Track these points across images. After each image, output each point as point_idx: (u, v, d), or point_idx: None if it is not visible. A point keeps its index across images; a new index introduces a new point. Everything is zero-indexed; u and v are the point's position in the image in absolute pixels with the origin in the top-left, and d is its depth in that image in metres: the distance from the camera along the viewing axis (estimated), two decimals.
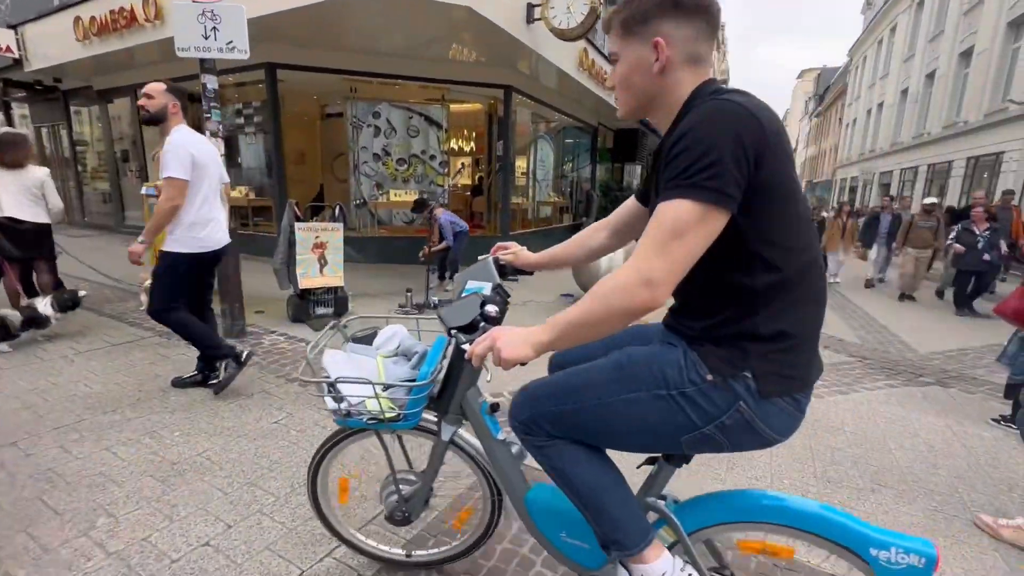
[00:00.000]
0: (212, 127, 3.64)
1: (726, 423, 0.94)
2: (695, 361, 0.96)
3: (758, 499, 1.08)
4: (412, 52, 7.37)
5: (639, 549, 1.07)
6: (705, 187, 0.81)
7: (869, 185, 25.08)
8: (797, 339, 0.93)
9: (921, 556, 0.91)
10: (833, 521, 0.99)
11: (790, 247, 0.91)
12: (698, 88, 0.96)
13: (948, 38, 17.30)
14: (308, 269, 4.36)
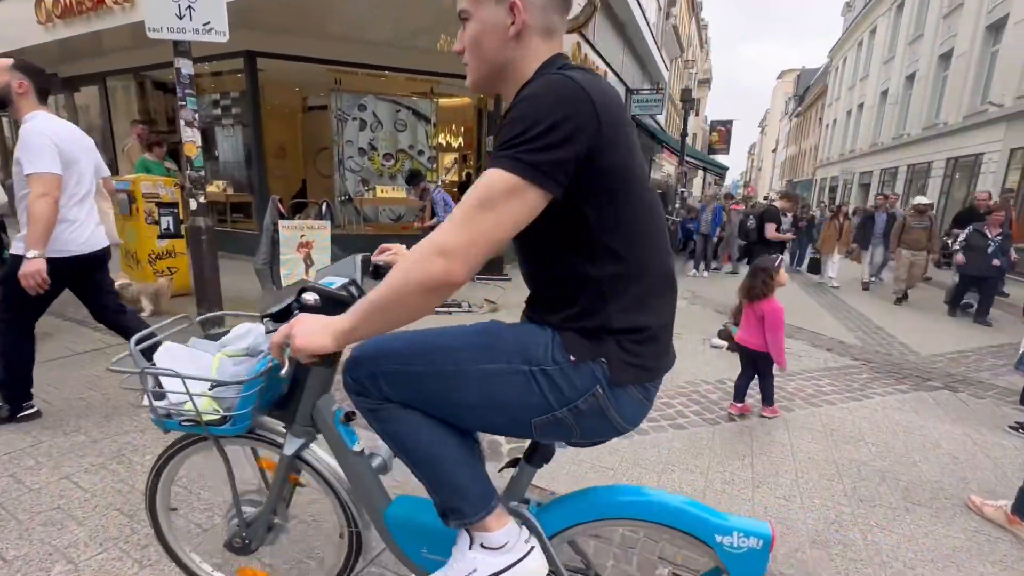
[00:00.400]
0: (187, 116, 3.35)
1: (580, 407, 0.92)
2: (560, 343, 0.92)
3: (612, 495, 1.07)
4: (400, 42, 7.08)
5: (479, 518, 1.01)
6: (521, 160, 0.76)
7: (849, 185, 25.50)
8: (650, 330, 0.92)
9: (759, 538, 0.94)
10: (681, 511, 1.01)
11: (636, 238, 0.89)
12: (547, 61, 0.91)
13: (928, 41, 17.61)
14: (293, 270, 4.09)
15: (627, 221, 0.88)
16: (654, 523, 1.03)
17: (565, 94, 0.78)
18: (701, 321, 5.54)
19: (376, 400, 0.99)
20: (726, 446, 2.69)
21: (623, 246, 0.88)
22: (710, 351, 4.42)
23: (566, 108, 0.77)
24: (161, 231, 4.86)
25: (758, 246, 5.96)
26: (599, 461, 2.44)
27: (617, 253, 0.88)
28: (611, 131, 0.81)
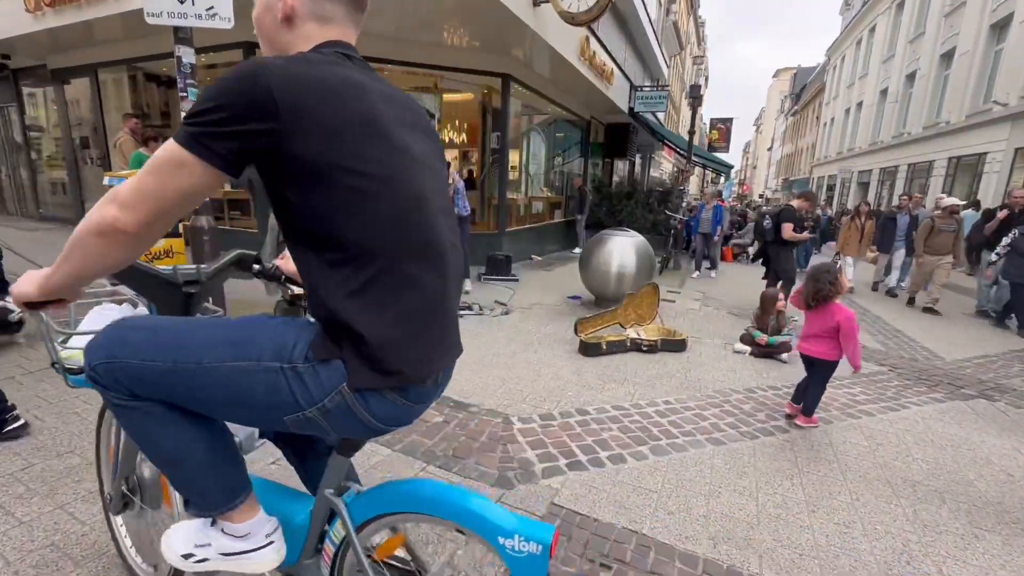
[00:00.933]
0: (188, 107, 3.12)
1: (327, 406, 0.89)
2: (309, 339, 0.89)
3: (412, 489, 1.06)
4: (405, 35, 6.85)
5: (219, 512, 1.03)
6: (188, 133, 0.78)
7: (847, 184, 25.49)
8: (391, 336, 0.87)
9: (538, 543, 0.91)
10: (465, 509, 0.99)
11: (371, 232, 0.85)
12: (318, 46, 0.92)
13: (929, 39, 17.55)
14: None
15: (354, 219, 0.84)
16: (445, 520, 1.02)
17: (238, 77, 0.78)
18: (718, 324, 5.39)
19: (120, 395, 0.94)
20: (770, 463, 2.53)
21: (353, 240, 0.84)
22: (733, 357, 4.26)
23: (233, 91, 0.77)
24: None
25: (774, 247, 5.80)
26: (641, 483, 2.27)
27: (343, 247, 0.84)
28: (299, 118, 0.78)
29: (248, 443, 1.32)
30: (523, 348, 4.07)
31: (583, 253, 5.83)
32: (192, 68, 3.10)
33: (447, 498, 1.02)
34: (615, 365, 3.82)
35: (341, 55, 0.90)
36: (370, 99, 0.86)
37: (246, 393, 0.91)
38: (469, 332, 4.39)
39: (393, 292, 0.87)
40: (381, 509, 1.08)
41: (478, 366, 3.60)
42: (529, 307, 5.51)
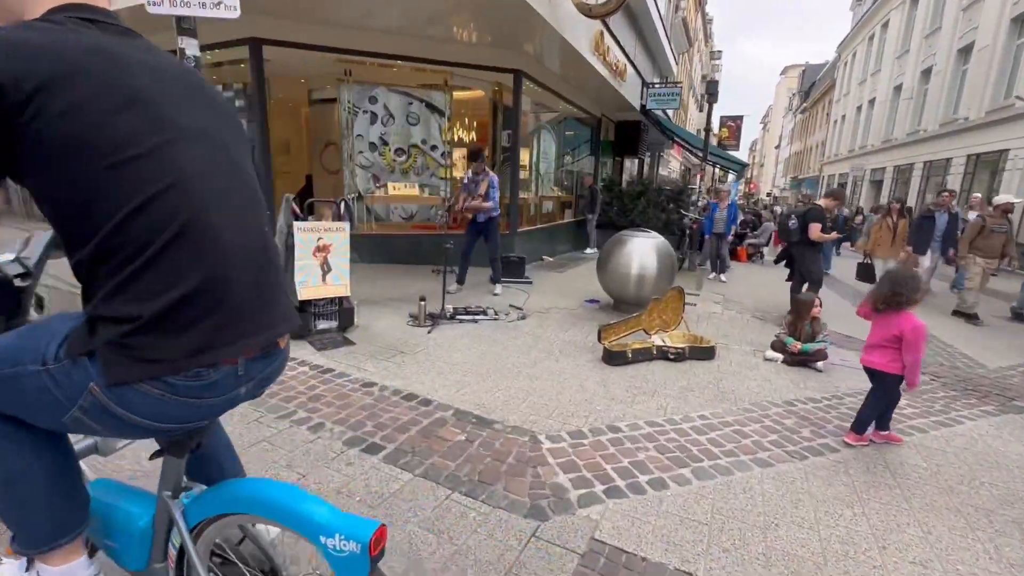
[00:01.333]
0: None
1: (85, 406, 0.87)
2: (66, 336, 0.87)
3: (238, 490, 1.04)
4: (413, 30, 6.66)
5: (40, 551, 1.00)
6: None
7: (860, 182, 25.10)
8: (142, 319, 0.81)
9: (357, 543, 0.88)
10: (286, 508, 0.96)
11: (122, 220, 0.79)
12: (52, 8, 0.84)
13: (946, 34, 17.18)
14: (309, 277, 3.69)
15: (100, 195, 0.79)
16: (271, 520, 0.99)
17: None
18: (743, 329, 5.15)
19: None
20: (825, 488, 2.31)
21: (107, 226, 0.79)
22: (765, 365, 4.03)
23: None
24: None
25: (800, 247, 5.56)
26: (688, 513, 2.06)
27: (97, 234, 0.79)
28: (27, 93, 0.71)
29: (105, 446, 1.30)
30: (544, 356, 3.86)
31: (600, 255, 5.62)
32: (196, 62, 2.91)
33: (272, 497, 0.98)
34: (642, 375, 3.61)
35: (81, 20, 0.82)
36: (122, 68, 0.80)
37: (23, 398, 0.90)
38: (486, 339, 4.19)
39: (152, 279, 0.82)
40: (214, 511, 1.05)
41: (498, 377, 3.39)
42: (546, 311, 5.30)
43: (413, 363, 3.53)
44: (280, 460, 2.24)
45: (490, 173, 5.54)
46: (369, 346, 3.80)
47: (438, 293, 5.43)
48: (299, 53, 6.67)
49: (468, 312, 4.81)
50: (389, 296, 5.42)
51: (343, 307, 3.96)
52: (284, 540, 1.19)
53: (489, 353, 3.85)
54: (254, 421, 2.57)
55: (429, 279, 6.48)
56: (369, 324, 4.37)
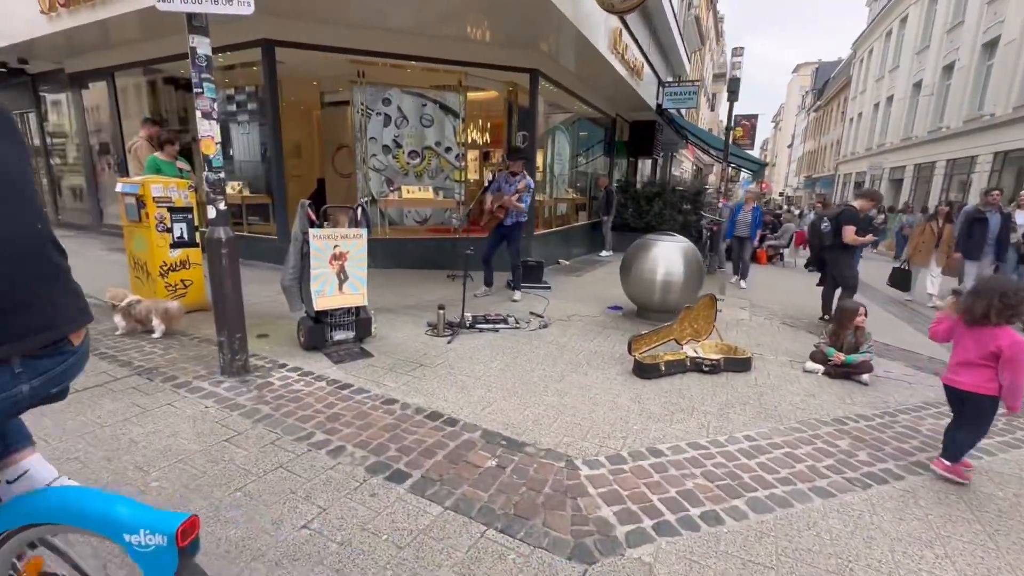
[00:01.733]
0: (204, 106, 2.79)
1: None
2: None
3: (35, 499, 0.99)
4: (428, 30, 6.50)
5: None
6: None
7: (878, 181, 24.55)
8: None
9: (163, 535, 0.85)
10: (86, 510, 0.92)
11: None
12: None
13: (969, 28, 16.70)
14: (325, 286, 3.53)
15: None
16: (71, 527, 0.95)
17: None
18: (775, 337, 4.91)
19: None
20: (896, 524, 2.08)
21: None
22: (805, 378, 3.79)
23: None
24: (174, 239, 4.33)
25: (834, 251, 5.31)
26: (751, 554, 1.85)
27: None
28: None
29: None
30: (571, 369, 3.66)
31: (624, 259, 5.41)
32: (208, 61, 2.76)
33: (65, 502, 0.95)
34: (677, 389, 3.39)
35: None
36: None
37: None
38: (508, 349, 3.99)
39: None
40: (7, 525, 0.99)
41: (525, 391, 3.20)
42: (567, 319, 5.10)
43: (434, 377, 3.34)
44: (299, 490, 2.06)
45: (527, 175, 5.37)
46: (388, 358, 3.63)
47: (456, 300, 5.25)
48: (312, 55, 6.55)
49: (488, 321, 4.62)
50: (405, 304, 5.24)
51: (360, 317, 3.79)
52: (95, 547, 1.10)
53: (513, 365, 3.66)
54: (270, 444, 2.40)
55: (445, 285, 6.32)
56: (387, 334, 4.20)
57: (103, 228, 9.43)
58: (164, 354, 3.48)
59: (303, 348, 3.66)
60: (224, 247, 2.91)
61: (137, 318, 3.78)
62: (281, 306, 4.75)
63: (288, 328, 4.13)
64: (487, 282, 5.70)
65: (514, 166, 5.33)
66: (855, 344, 3.88)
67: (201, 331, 4.00)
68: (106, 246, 8.07)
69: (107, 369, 3.18)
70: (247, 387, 3.00)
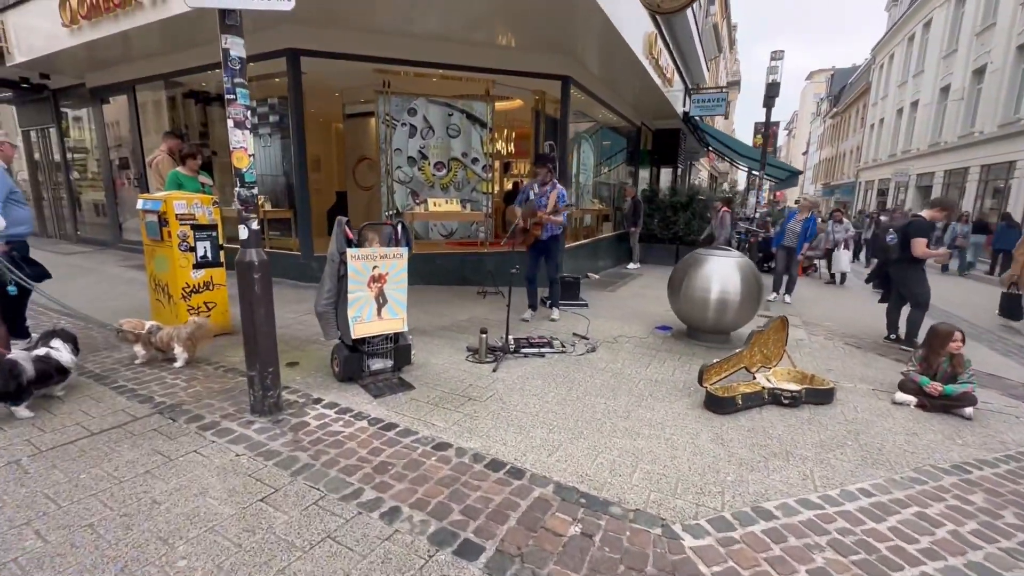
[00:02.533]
0: (237, 114, 2.49)
1: None
2: None
3: None
4: (455, 35, 6.25)
5: None
6: None
7: (903, 188, 23.90)
8: None
9: None
10: None
11: None
12: None
13: (1003, 30, 16.18)
14: (363, 311, 3.20)
15: None
16: None
17: None
18: (845, 361, 4.47)
19: None
20: None
21: None
22: (898, 412, 3.37)
23: None
24: (197, 259, 4.04)
25: (901, 266, 4.88)
26: None
27: None
28: None
29: None
30: (634, 402, 3.28)
31: (673, 275, 5.03)
32: (242, 64, 2.46)
33: None
34: (761, 427, 2.99)
35: None
36: None
37: None
38: (559, 378, 3.62)
39: None
40: None
41: (592, 432, 2.82)
42: (614, 340, 4.71)
43: (486, 414, 2.98)
44: (353, 571, 1.70)
45: (557, 183, 5.02)
46: (431, 390, 3.28)
47: (491, 320, 4.92)
48: (335, 65, 6.32)
49: (532, 344, 4.26)
50: (439, 324, 4.90)
51: (399, 344, 3.45)
52: None
53: (569, 398, 3.28)
54: (313, 504, 2.05)
55: (477, 302, 5.98)
56: (425, 360, 3.85)
57: (121, 244, 9.27)
58: (187, 387, 3.17)
59: (338, 379, 3.33)
60: (257, 271, 2.60)
61: (158, 346, 3.48)
62: (309, 328, 4.46)
63: (319, 355, 3.81)
64: (532, 305, 5.31)
65: (543, 175, 4.96)
66: (951, 372, 3.45)
67: (226, 358, 3.69)
68: (125, 262, 7.87)
69: (126, 406, 2.86)
70: (281, 428, 2.66)
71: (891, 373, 4.17)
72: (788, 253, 7.24)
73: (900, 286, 5.02)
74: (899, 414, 3.32)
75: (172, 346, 3.46)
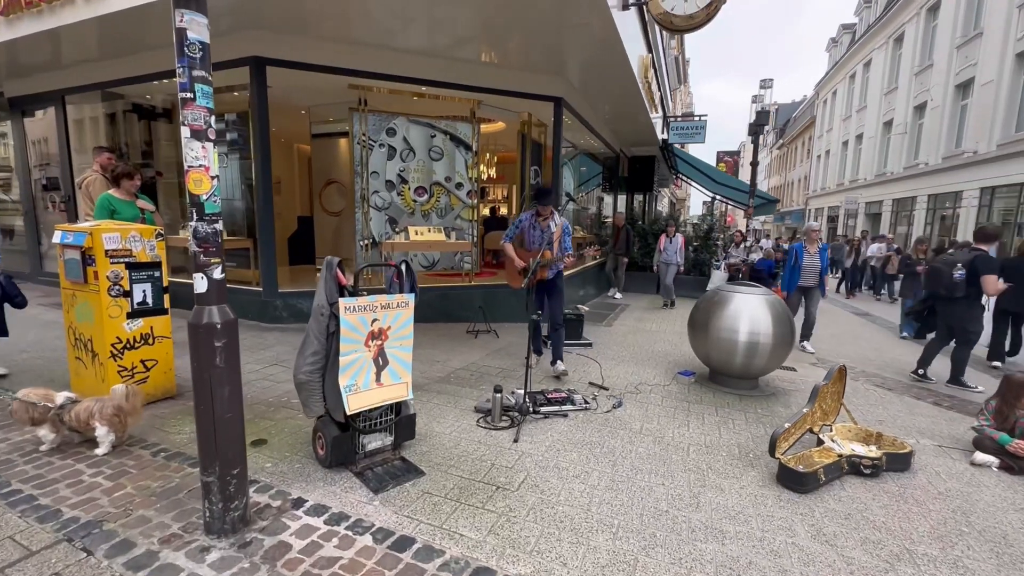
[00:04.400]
0: (195, 119, 1.79)
1: None
2: None
3: None
4: (442, 51, 5.72)
5: None
6: None
7: (852, 216, 25.13)
8: None
9: None
10: None
11: None
12: None
13: (940, 71, 17.35)
14: (359, 377, 2.47)
15: None
16: None
17: None
18: (891, 410, 4.06)
19: None
20: None
21: None
22: (986, 477, 2.93)
23: None
24: (133, 306, 3.19)
25: (964, 303, 4.48)
26: None
27: None
28: None
29: None
30: (696, 480, 2.68)
31: (695, 314, 4.55)
32: (203, 51, 1.78)
33: None
34: (856, 511, 2.46)
35: None
36: None
37: None
38: (594, 447, 2.99)
39: None
40: None
41: (664, 532, 2.19)
42: (636, 390, 4.14)
43: (525, 511, 2.30)
44: None
45: (557, 214, 4.47)
46: (446, 477, 2.56)
47: (497, 371, 4.27)
48: (304, 79, 5.63)
49: (550, 400, 3.62)
50: (433, 375, 4.19)
51: (401, 416, 2.73)
52: None
53: (619, 479, 2.65)
54: None
55: (469, 344, 5.30)
56: (428, 428, 3.13)
57: (41, 276, 8.00)
58: (113, 488, 2.32)
59: (323, 465, 2.56)
60: (220, 336, 1.86)
61: (73, 426, 2.61)
62: (278, 385, 3.65)
63: (294, 425, 3.02)
64: (537, 349, 4.68)
65: (543, 210, 4.41)
66: None
67: (169, 436, 2.85)
68: (45, 299, 6.69)
69: (16, 529, 2.00)
70: (250, 558, 1.88)
71: (942, 422, 3.80)
72: (808, 294, 6.01)
73: (952, 322, 4.68)
74: (988, 480, 2.88)
75: (93, 425, 2.60)
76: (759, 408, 3.87)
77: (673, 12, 4.54)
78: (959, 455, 3.19)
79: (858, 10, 27.23)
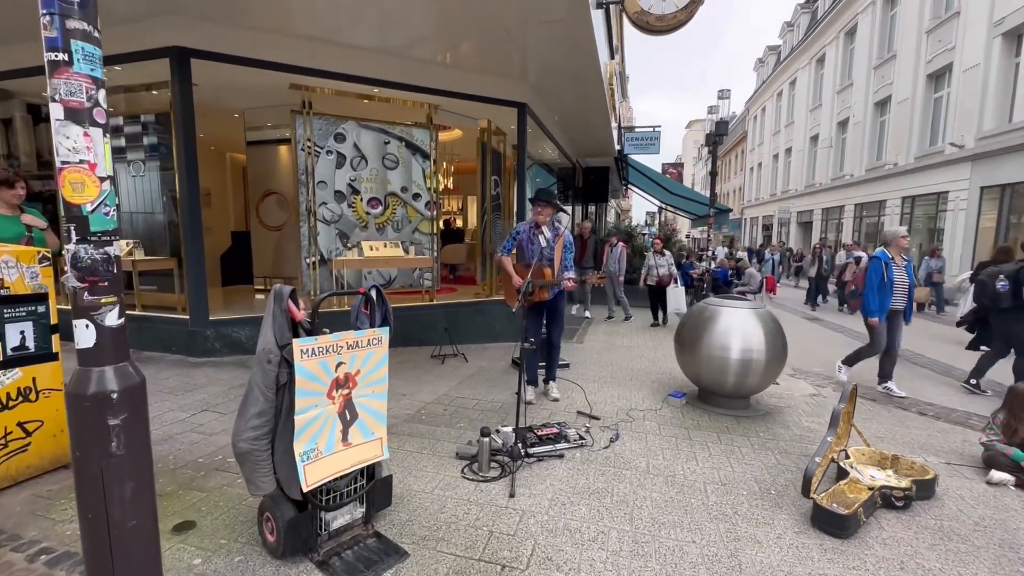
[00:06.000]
0: (71, 92, 1.21)
1: None
2: None
3: None
4: (398, 49, 5.23)
5: None
6: None
7: (785, 224, 26.63)
8: None
9: None
10: None
11: None
12: None
13: (859, 89, 18.73)
14: (319, 441, 1.91)
15: None
16: None
17: None
18: (895, 428, 3.91)
19: None
20: None
21: None
22: (1009, 499, 2.77)
23: None
24: (7, 352, 2.44)
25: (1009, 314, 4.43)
26: None
27: None
28: None
29: None
30: (727, 532, 2.31)
31: (681, 332, 4.27)
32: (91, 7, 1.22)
33: None
34: (909, 558, 2.17)
35: None
36: None
37: None
38: (602, 494, 2.56)
39: None
40: None
41: None
42: (628, 417, 3.78)
43: None
44: None
45: (560, 227, 4.06)
46: (436, 557, 2.04)
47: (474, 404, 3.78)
48: (237, 76, 4.96)
49: (542, 439, 3.16)
50: (403, 413, 3.63)
51: (375, 479, 2.17)
52: None
53: (642, 540, 2.23)
54: None
55: (436, 372, 4.77)
56: (404, 487, 2.58)
57: None
58: None
59: (274, 555, 1.96)
60: (117, 412, 1.27)
61: None
62: (209, 441, 2.97)
63: (231, 497, 2.39)
64: (532, 380, 4.17)
65: (542, 214, 3.97)
66: None
67: (56, 523, 2.14)
68: None
69: None
70: None
71: (936, 435, 3.70)
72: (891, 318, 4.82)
73: (1006, 335, 4.62)
74: (1014, 503, 2.71)
75: None
76: (760, 431, 3.60)
77: (650, 11, 4.31)
78: (971, 473, 3.04)
79: (782, 33, 29.20)
